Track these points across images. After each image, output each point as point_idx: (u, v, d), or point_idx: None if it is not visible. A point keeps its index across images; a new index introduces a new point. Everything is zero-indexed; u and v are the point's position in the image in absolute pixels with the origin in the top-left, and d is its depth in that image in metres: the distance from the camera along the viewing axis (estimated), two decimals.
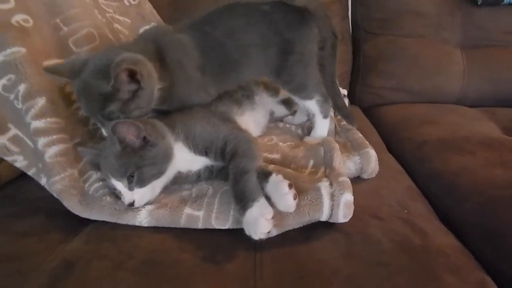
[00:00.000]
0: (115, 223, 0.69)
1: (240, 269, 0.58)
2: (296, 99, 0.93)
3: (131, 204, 0.68)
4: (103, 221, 0.70)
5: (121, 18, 1.11)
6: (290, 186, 0.64)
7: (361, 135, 0.93)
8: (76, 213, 0.70)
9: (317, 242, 0.63)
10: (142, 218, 0.68)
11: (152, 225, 0.68)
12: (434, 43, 1.38)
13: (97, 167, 0.76)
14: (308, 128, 1.02)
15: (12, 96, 0.75)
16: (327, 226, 0.66)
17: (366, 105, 1.44)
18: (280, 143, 0.90)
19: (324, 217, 0.65)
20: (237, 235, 0.65)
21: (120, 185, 0.69)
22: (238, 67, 0.85)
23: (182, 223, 0.67)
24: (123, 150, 0.68)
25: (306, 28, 0.85)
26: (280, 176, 0.67)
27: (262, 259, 0.60)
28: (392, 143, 1.10)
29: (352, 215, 0.65)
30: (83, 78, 0.70)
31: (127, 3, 1.13)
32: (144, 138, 0.69)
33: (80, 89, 0.71)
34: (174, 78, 0.78)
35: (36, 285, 0.55)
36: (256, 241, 0.62)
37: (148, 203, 0.71)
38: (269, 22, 0.84)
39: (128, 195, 0.69)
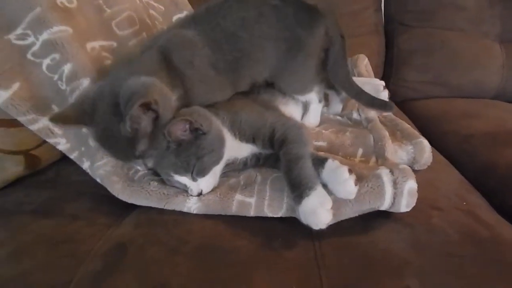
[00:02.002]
0: (162, 209, 0.67)
1: (301, 257, 0.56)
2: (295, 96, 0.91)
3: (200, 194, 0.67)
4: (149, 207, 0.67)
5: (156, 4, 1.09)
6: (350, 171, 0.61)
7: (408, 125, 0.90)
8: (122, 198, 0.68)
9: (379, 233, 0.60)
10: (192, 204, 0.65)
11: (202, 212, 0.65)
12: (474, 37, 1.33)
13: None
14: (347, 115, 0.98)
15: (56, 77, 0.73)
16: (384, 216, 0.63)
17: (400, 99, 1.39)
18: (323, 131, 0.86)
19: (385, 206, 0.61)
20: (289, 222, 0.62)
21: (184, 179, 0.67)
22: (250, 62, 0.78)
23: (233, 210, 0.65)
24: (179, 147, 0.65)
25: (315, 27, 0.80)
26: (337, 162, 0.64)
27: (322, 248, 0.57)
28: (431, 136, 1.05)
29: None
30: (100, 125, 0.64)
31: None
32: (196, 129, 0.66)
33: (100, 136, 0.65)
34: (188, 82, 0.71)
35: (91, 267, 0.53)
36: (312, 229, 0.59)
37: (214, 188, 0.69)
38: (280, 16, 0.78)
39: (194, 186, 0.67)
